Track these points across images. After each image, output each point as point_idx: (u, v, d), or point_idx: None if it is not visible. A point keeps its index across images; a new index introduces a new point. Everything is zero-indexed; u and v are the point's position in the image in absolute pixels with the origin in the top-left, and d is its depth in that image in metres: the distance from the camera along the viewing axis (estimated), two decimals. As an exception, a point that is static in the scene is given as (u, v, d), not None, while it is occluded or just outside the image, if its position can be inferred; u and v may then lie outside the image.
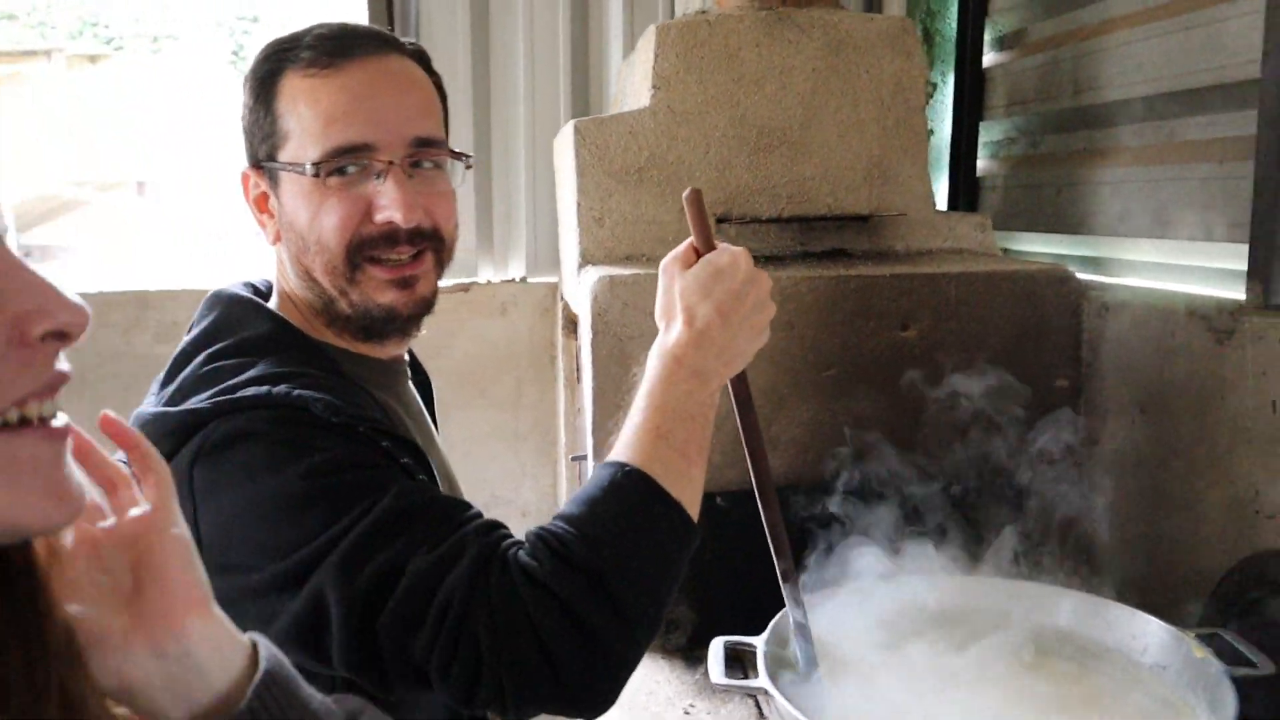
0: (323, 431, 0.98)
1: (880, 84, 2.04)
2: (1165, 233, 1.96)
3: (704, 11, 2.07)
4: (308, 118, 1.08)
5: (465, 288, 3.09)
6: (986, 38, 2.66)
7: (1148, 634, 1.37)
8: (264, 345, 1.08)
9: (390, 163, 1.09)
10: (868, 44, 2.02)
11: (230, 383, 1.02)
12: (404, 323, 1.16)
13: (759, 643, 1.31)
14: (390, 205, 1.08)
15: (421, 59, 1.18)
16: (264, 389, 0.99)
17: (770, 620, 1.35)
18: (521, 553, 0.93)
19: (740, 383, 1.14)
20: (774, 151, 2.02)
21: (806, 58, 2.00)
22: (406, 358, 1.31)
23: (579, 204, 1.98)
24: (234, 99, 1.17)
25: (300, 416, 0.98)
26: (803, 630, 1.27)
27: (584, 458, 2.04)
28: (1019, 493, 1.78)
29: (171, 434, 0.99)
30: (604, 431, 1.83)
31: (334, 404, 0.99)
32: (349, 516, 0.92)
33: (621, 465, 0.98)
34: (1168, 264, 1.98)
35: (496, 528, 0.98)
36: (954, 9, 2.77)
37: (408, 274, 1.13)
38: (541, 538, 0.94)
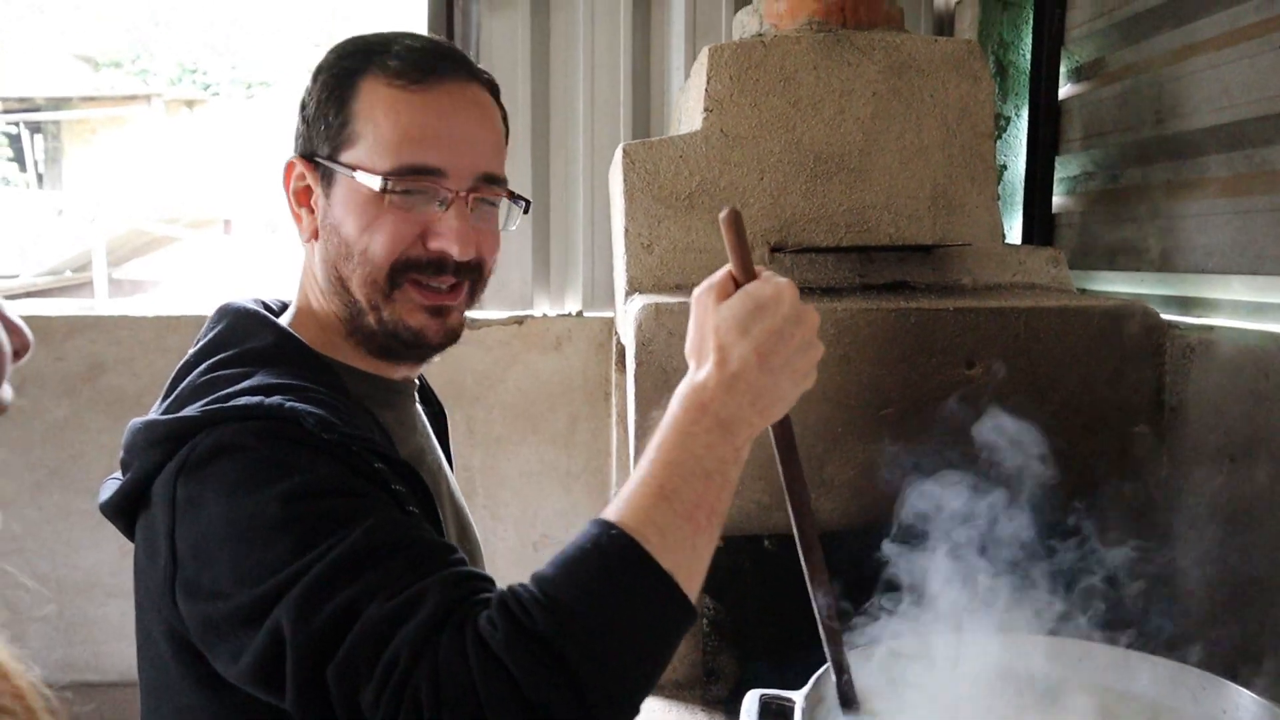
0: (310, 451, 0.91)
1: (945, 108, 1.94)
2: (1258, 268, 1.81)
3: (760, 34, 2.00)
4: (385, 128, 1.04)
5: (520, 321, 3.04)
6: (1062, 69, 2.54)
7: (1240, 708, 1.22)
8: (265, 356, 1.03)
9: (456, 193, 1.06)
10: (932, 67, 1.93)
11: (225, 391, 0.97)
12: (430, 349, 1.13)
13: (798, 698, 1.20)
14: (448, 236, 1.06)
15: (494, 92, 1.16)
16: (257, 399, 0.94)
17: (813, 675, 1.24)
18: (485, 615, 0.82)
19: (783, 428, 1.00)
20: (832, 178, 1.93)
21: (867, 81, 1.91)
22: (416, 381, 1.25)
23: (627, 230, 1.91)
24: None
25: (290, 431, 0.91)
26: (841, 669, 1.15)
27: (626, 495, 1.95)
28: (1093, 546, 1.64)
29: (160, 443, 0.94)
30: (645, 467, 1.74)
31: (327, 420, 0.93)
32: (318, 549, 0.84)
33: (608, 526, 0.83)
34: (1261, 302, 1.83)
35: (468, 580, 0.87)
36: (1028, 40, 2.66)
37: (443, 303, 1.10)
38: (504, 601, 0.82)
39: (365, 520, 0.86)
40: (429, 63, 1.06)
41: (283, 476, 0.88)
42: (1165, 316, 1.78)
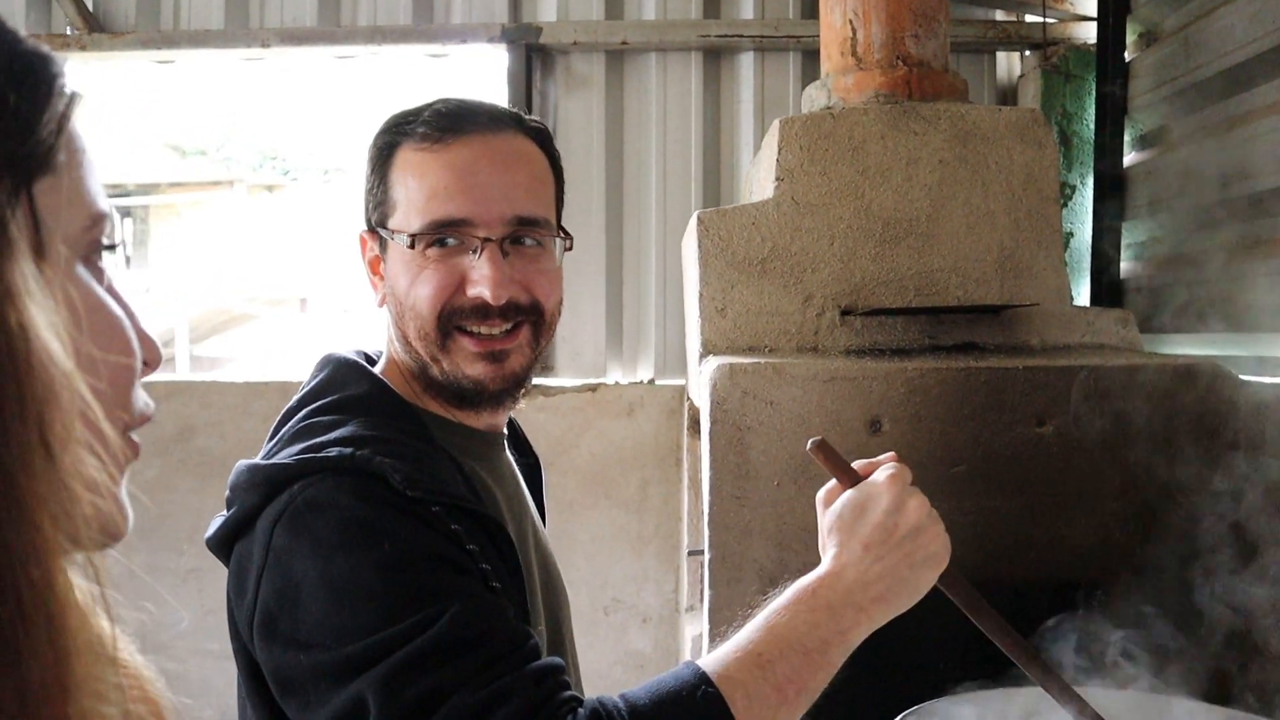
0: (396, 512, 0.97)
1: (1010, 174, 2.00)
2: (1331, 326, 1.83)
3: (829, 107, 2.09)
4: (414, 190, 1.10)
5: (593, 388, 3.12)
6: (1126, 138, 2.59)
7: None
8: (359, 405, 1.10)
9: (487, 239, 1.09)
10: (996, 135, 1.99)
11: (319, 440, 1.03)
12: (492, 396, 1.15)
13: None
14: (481, 281, 1.09)
15: (540, 137, 1.19)
16: (348, 450, 1.00)
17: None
18: (574, 717, 0.91)
19: (956, 588, 1.11)
20: (900, 242, 1.99)
21: (933, 149, 1.98)
22: (505, 431, 1.29)
23: (701, 294, 1.98)
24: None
25: (377, 489, 0.98)
26: None
27: (700, 552, 1.99)
28: (1172, 601, 1.64)
29: (259, 485, 1.01)
30: (720, 525, 1.78)
31: (412, 476, 0.99)
32: (407, 623, 0.91)
33: (705, 682, 0.93)
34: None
35: (549, 676, 0.94)
36: (1091, 111, 2.72)
37: (498, 348, 1.12)
38: (596, 713, 0.91)
39: (451, 603, 0.93)
40: (453, 121, 1.11)
41: (373, 542, 0.95)
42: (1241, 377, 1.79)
